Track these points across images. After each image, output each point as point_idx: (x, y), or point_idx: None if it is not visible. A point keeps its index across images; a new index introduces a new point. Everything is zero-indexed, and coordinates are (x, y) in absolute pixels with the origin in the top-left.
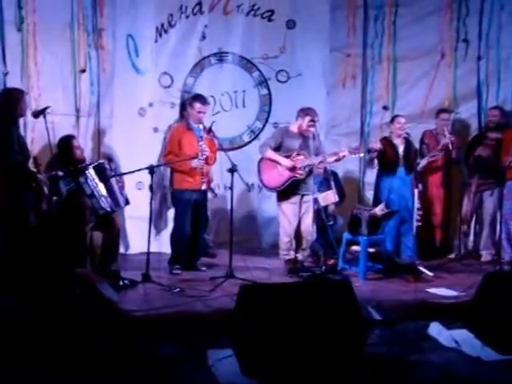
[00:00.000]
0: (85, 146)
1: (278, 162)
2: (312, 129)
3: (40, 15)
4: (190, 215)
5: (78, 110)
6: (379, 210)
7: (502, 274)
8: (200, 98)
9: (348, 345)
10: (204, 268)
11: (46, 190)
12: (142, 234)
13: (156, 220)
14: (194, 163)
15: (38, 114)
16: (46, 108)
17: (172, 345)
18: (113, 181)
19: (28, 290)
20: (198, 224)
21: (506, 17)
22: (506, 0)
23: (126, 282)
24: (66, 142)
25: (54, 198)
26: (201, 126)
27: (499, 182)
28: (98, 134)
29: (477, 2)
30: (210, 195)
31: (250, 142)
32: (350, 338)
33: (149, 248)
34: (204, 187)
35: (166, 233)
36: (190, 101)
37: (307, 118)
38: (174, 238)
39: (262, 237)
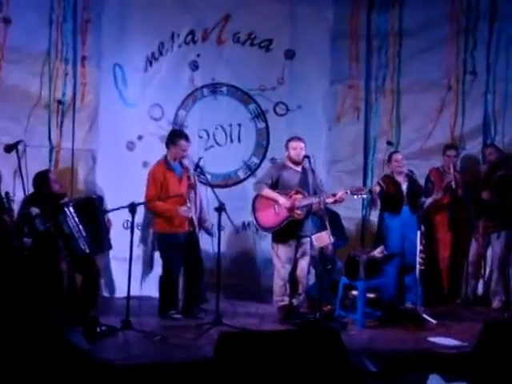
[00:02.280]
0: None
1: (274, 201)
2: (300, 152)
3: (14, 42)
4: (180, 259)
5: (50, 143)
6: (378, 252)
7: (502, 323)
8: (184, 136)
9: None
10: (202, 315)
11: (13, 229)
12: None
13: (143, 262)
14: (183, 212)
15: (9, 148)
16: (18, 142)
17: None
18: (100, 221)
19: None
20: (192, 268)
21: None
22: None
23: (103, 328)
24: (42, 177)
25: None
26: (182, 164)
27: (506, 223)
28: (72, 168)
29: (484, 34)
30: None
31: (246, 179)
32: None
33: (129, 292)
34: (187, 228)
35: (153, 276)
36: (173, 138)
37: (291, 145)
38: (164, 285)
39: (259, 279)
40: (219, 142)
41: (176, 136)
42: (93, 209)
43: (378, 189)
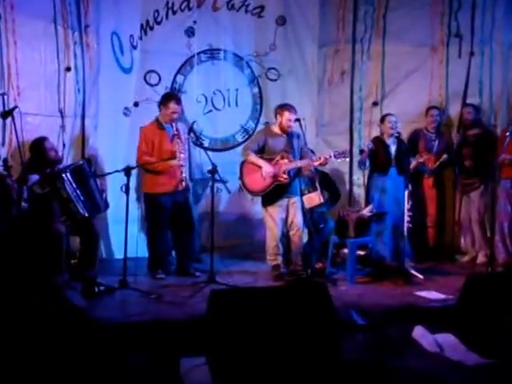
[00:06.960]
0: (71, 147)
1: (260, 167)
2: (292, 124)
3: (19, 11)
4: (166, 220)
5: (62, 111)
6: (367, 211)
7: (484, 276)
8: (175, 98)
9: (321, 349)
10: (198, 273)
11: (14, 194)
12: (128, 239)
13: (142, 223)
14: (174, 163)
15: (5, 114)
16: (13, 108)
17: (143, 352)
18: (92, 184)
19: None
20: (181, 227)
21: (499, 11)
22: None
23: (101, 288)
24: (38, 144)
25: (24, 204)
26: (173, 126)
27: (483, 180)
28: (83, 135)
29: None
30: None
31: (243, 142)
32: (323, 341)
33: (125, 253)
34: (181, 187)
35: None
36: (164, 100)
37: (285, 114)
38: (151, 246)
39: (253, 239)
40: (217, 107)
41: (166, 98)
42: (86, 172)
43: (369, 147)
